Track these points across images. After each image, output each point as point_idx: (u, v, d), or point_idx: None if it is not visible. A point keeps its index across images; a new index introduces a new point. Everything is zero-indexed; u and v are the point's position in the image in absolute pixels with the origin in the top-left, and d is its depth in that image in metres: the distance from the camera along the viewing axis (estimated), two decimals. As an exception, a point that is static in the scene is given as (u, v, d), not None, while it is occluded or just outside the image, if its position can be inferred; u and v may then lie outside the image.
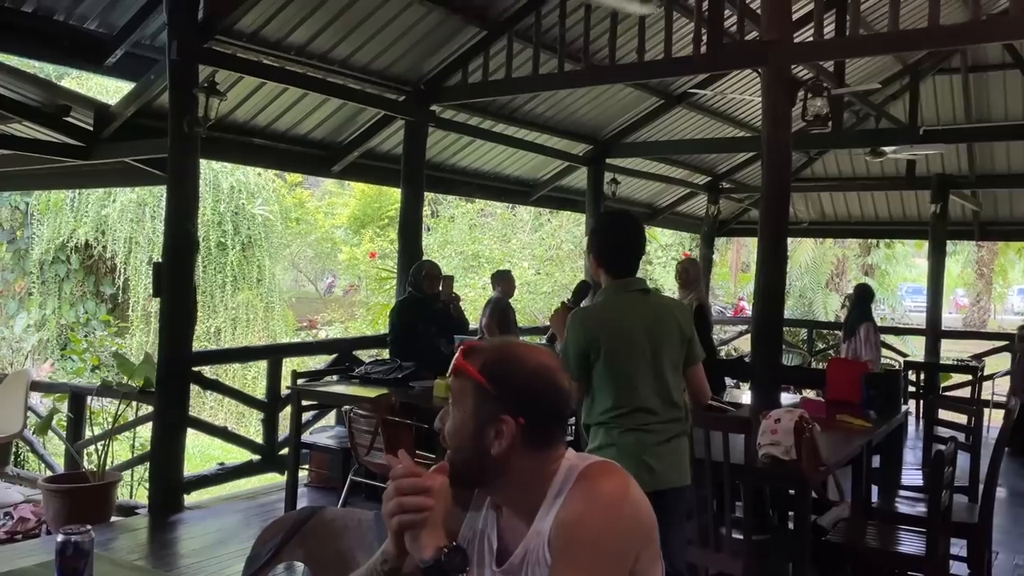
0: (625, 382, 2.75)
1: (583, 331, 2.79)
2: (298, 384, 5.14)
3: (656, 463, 2.70)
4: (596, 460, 1.42)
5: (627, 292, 2.85)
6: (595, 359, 2.76)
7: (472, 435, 1.37)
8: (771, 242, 5.35)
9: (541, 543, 1.34)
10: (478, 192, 9.39)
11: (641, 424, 2.73)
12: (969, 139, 9.32)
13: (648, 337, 2.78)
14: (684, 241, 16.90)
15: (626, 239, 2.87)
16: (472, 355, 1.39)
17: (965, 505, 4.10)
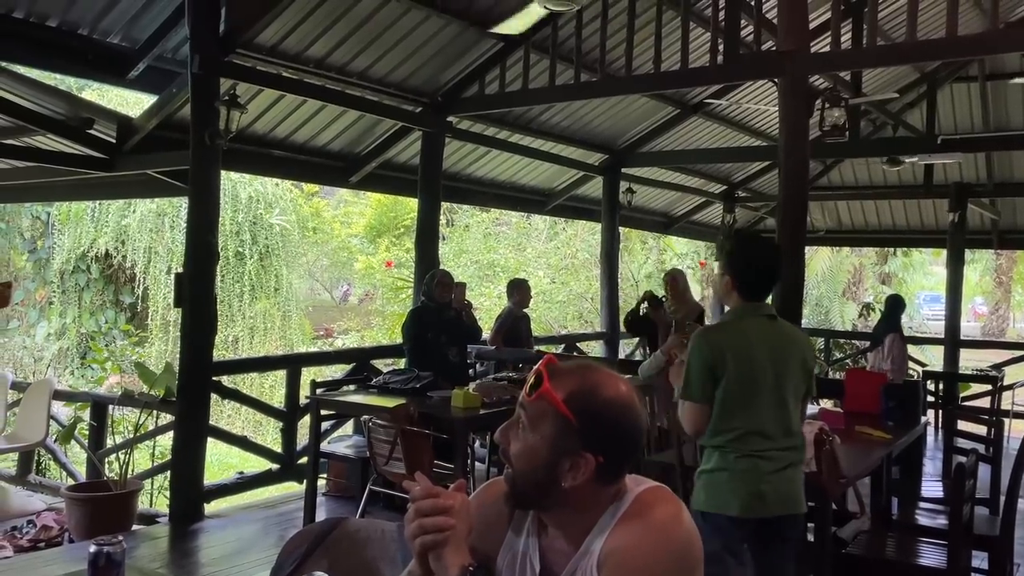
0: (746, 406, 2.70)
1: (709, 350, 2.72)
2: (317, 394, 5.18)
3: (770, 490, 2.68)
4: (651, 485, 1.39)
5: (756, 316, 2.81)
6: (718, 383, 2.70)
7: (545, 464, 1.32)
8: (788, 250, 5.34)
9: (590, 565, 1.32)
10: (494, 202, 9.44)
11: (757, 450, 2.69)
12: (987, 148, 9.26)
13: (772, 363, 2.73)
14: (699, 250, 16.87)
15: (767, 263, 2.84)
16: (557, 380, 1.33)
17: (986, 517, 4.07)
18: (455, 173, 8.01)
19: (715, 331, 2.88)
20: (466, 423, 4.63)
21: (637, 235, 15.78)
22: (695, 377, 2.73)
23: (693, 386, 2.73)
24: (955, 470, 3.25)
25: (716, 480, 2.71)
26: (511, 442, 1.37)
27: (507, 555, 1.43)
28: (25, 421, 6.03)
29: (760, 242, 2.97)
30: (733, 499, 2.67)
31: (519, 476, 1.35)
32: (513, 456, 1.36)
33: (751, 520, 2.69)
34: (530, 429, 1.34)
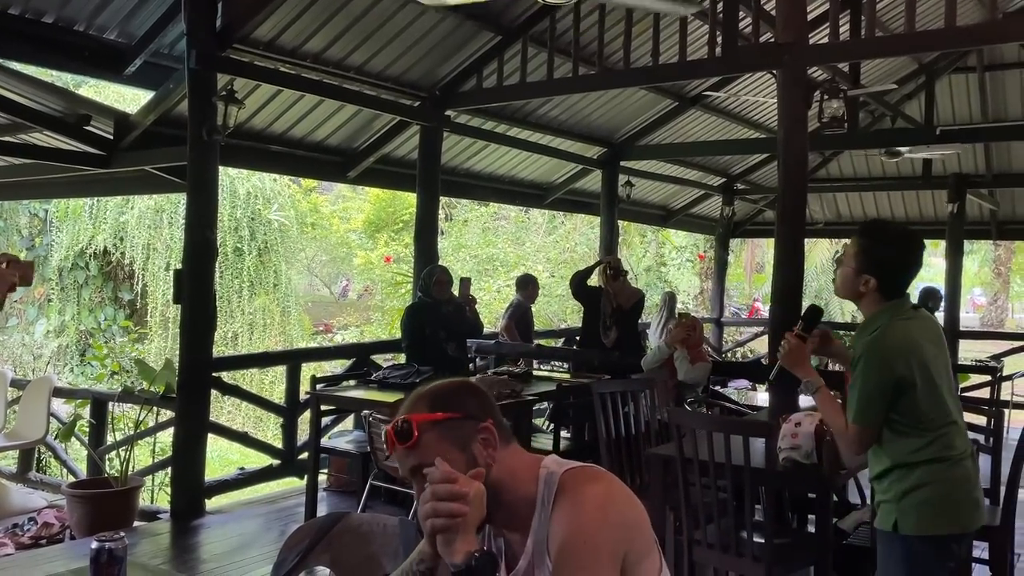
0: (941, 412, 2.43)
1: (890, 370, 2.39)
2: (317, 389, 5.18)
3: (980, 496, 2.49)
4: (574, 465, 1.48)
5: (907, 312, 2.52)
6: (903, 396, 2.40)
7: (467, 465, 1.41)
8: (787, 243, 5.34)
9: (542, 551, 1.42)
10: (492, 196, 9.42)
11: (960, 455, 2.44)
12: (986, 139, 9.26)
13: (941, 358, 2.50)
14: (698, 243, 16.87)
15: (916, 257, 2.54)
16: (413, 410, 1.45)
17: (987, 508, 4.07)
18: (453, 167, 7.99)
19: (885, 341, 2.44)
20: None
21: (636, 228, 15.79)
22: (877, 401, 2.41)
23: (871, 411, 2.41)
24: (956, 461, 3.24)
25: (930, 497, 2.38)
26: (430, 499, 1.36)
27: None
28: (25, 418, 6.03)
29: (909, 233, 2.61)
30: (957, 513, 2.39)
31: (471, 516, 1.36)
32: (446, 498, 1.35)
33: (970, 534, 2.45)
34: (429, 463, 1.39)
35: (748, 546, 3.22)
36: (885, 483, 2.47)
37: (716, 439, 3.27)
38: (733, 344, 12.78)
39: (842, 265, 2.59)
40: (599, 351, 6.19)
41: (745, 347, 12.46)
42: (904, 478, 2.41)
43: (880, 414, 2.41)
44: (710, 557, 3.39)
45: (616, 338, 6.08)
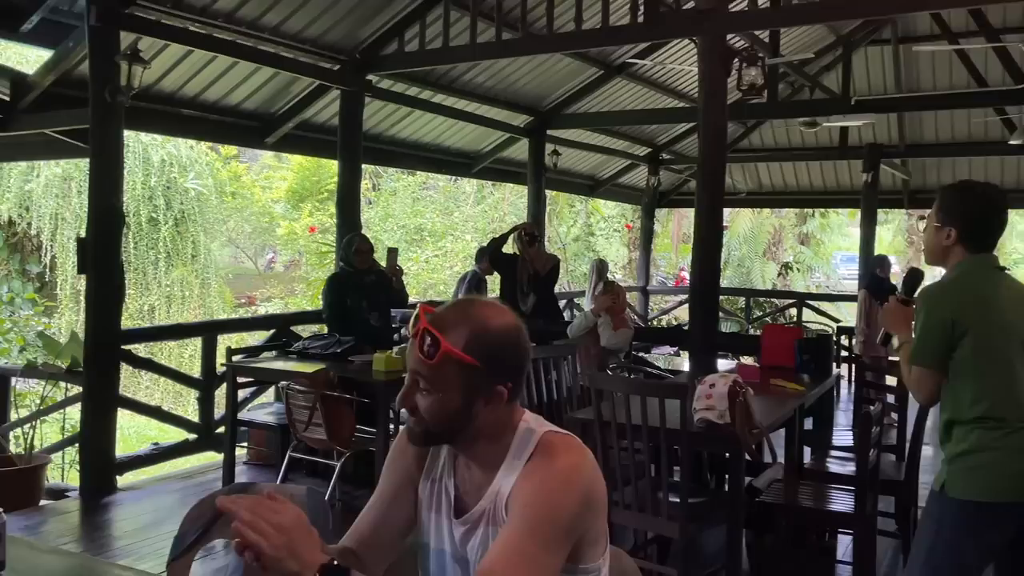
0: (1003, 372, 2.33)
1: (948, 311, 2.35)
2: (233, 361, 5.03)
3: None
4: (554, 429, 1.45)
5: (988, 268, 2.46)
6: (959, 342, 2.33)
7: (459, 409, 1.38)
8: (707, 211, 5.41)
9: (501, 502, 1.39)
10: (418, 164, 9.28)
11: (1021, 422, 2.31)
12: (899, 109, 9.53)
13: (1020, 318, 2.40)
14: (626, 212, 17.03)
15: (998, 208, 2.48)
16: (450, 333, 1.35)
17: (893, 464, 4.24)
18: (377, 134, 7.83)
19: (951, 287, 2.43)
20: (388, 387, 4.56)
21: (565, 198, 15.82)
22: (929, 340, 2.36)
23: (926, 351, 2.36)
24: (861, 418, 3.35)
25: (982, 462, 2.30)
26: (417, 402, 1.39)
27: (426, 485, 1.51)
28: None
29: (994, 188, 2.55)
30: (1008, 482, 2.29)
31: (433, 424, 1.39)
32: (424, 411, 1.39)
33: (1016, 505, 2.30)
34: (436, 388, 1.37)
35: (664, 506, 3.27)
36: (947, 444, 2.41)
37: (635, 403, 3.30)
38: (659, 312, 12.99)
39: (927, 227, 2.55)
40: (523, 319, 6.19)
41: (670, 315, 12.67)
42: (960, 440, 2.35)
43: (936, 355, 2.36)
44: (628, 518, 3.43)
45: (534, 304, 6.10)
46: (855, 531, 3.43)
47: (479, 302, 1.45)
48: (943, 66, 9.27)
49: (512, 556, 1.30)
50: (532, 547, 1.30)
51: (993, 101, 8.30)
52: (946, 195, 2.51)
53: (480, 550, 1.41)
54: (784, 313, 11.98)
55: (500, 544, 1.32)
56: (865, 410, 3.39)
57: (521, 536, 1.31)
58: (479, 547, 1.41)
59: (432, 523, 1.49)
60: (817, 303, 12.12)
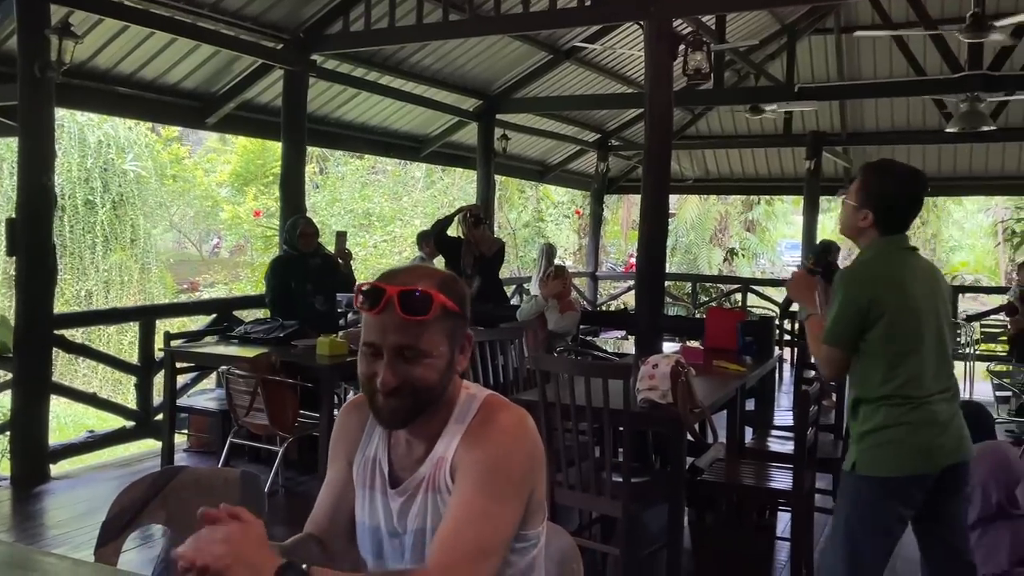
0: (912, 351, 2.40)
1: (862, 292, 2.41)
2: (172, 346, 4.91)
3: (946, 440, 2.42)
4: (490, 392, 1.45)
5: (902, 250, 2.52)
6: (874, 324, 2.39)
7: (448, 366, 1.37)
8: (653, 197, 5.44)
9: (443, 469, 1.37)
10: (365, 147, 9.16)
11: (929, 397, 2.40)
12: (840, 96, 9.71)
13: (930, 302, 2.46)
14: (576, 199, 17.08)
15: (916, 194, 2.52)
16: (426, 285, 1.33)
17: (831, 442, 4.34)
18: (322, 116, 7.70)
19: (865, 269, 2.49)
20: (332, 371, 4.50)
21: (515, 184, 15.80)
22: (845, 322, 2.41)
23: (841, 332, 2.42)
24: (799, 397, 3.41)
25: (890, 438, 2.38)
26: (406, 376, 1.33)
27: (360, 462, 1.49)
28: None
29: (898, 171, 2.55)
30: (913, 456, 2.37)
31: (426, 392, 1.35)
32: (418, 380, 1.34)
33: (931, 474, 2.40)
34: (429, 348, 1.34)
35: (607, 486, 3.29)
36: (855, 423, 2.49)
37: (581, 384, 3.31)
38: (608, 297, 13.08)
39: (844, 202, 2.58)
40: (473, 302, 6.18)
41: (619, 300, 12.77)
42: (867, 419, 2.43)
43: (848, 336, 2.42)
44: (573, 498, 3.45)
45: (479, 287, 6.08)
46: (792, 508, 3.50)
47: (419, 264, 1.47)
48: (884, 56, 9.48)
49: (469, 515, 1.29)
50: (487, 503, 1.30)
51: (931, 90, 8.50)
52: (866, 177, 2.53)
53: (419, 519, 1.39)
54: (729, 298, 12.16)
55: (454, 507, 1.31)
56: (803, 390, 3.46)
57: (475, 494, 1.31)
58: (418, 516, 1.40)
59: (367, 500, 1.47)
60: (761, 288, 12.33)
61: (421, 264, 1.44)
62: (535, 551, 1.43)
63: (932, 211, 21.27)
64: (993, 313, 10.10)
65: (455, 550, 1.27)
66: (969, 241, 22.66)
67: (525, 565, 1.41)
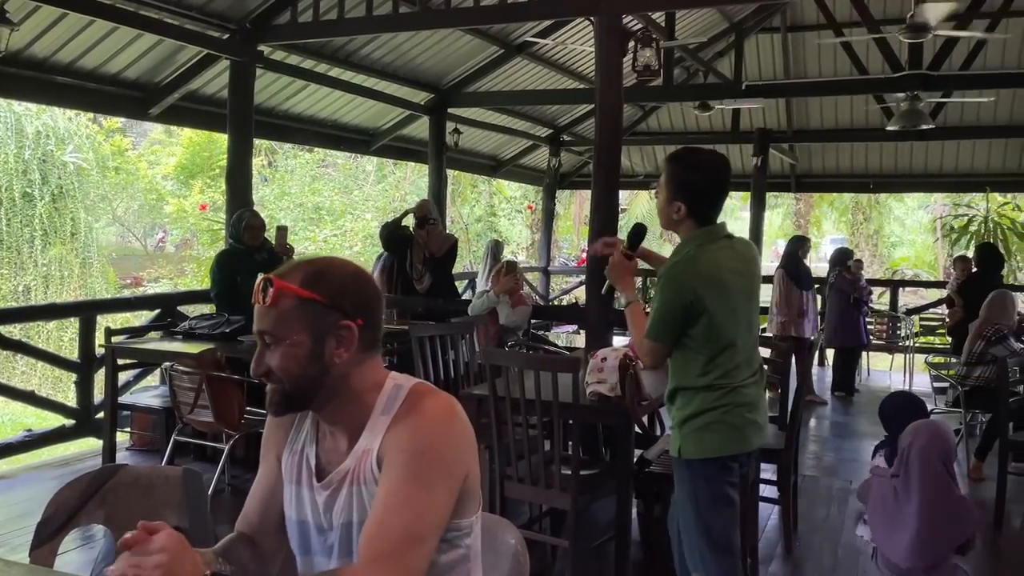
0: (728, 340, 2.49)
1: (684, 292, 2.45)
2: (113, 342, 4.79)
3: (758, 417, 2.55)
4: (419, 381, 1.44)
5: (717, 240, 2.55)
6: (695, 322, 2.46)
7: (311, 353, 1.34)
8: (604, 192, 5.46)
9: (368, 460, 1.35)
10: (314, 140, 9.03)
11: (742, 382, 2.51)
12: (786, 94, 9.90)
13: (744, 288, 2.55)
14: (529, 194, 17.12)
15: (722, 181, 2.56)
16: (287, 275, 1.35)
17: (775, 433, 4.42)
18: (270, 108, 7.57)
19: (689, 268, 2.51)
20: (280, 366, 4.43)
21: (467, 178, 15.78)
22: (668, 318, 2.48)
23: (666, 328, 2.50)
24: (745, 389, 3.46)
25: (707, 421, 2.48)
26: (268, 363, 1.36)
27: (288, 457, 1.48)
28: None
29: (715, 157, 2.61)
30: (730, 435, 2.49)
31: (291, 382, 1.35)
32: (278, 370, 1.35)
33: (745, 453, 2.55)
34: (282, 334, 1.34)
35: (556, 479, 3.31)
36: (673, 409, 2.60)
37: (531, 378, 3.33)
38: (560, 292, 13.14)
39: (658, 196, 2.61)
40: (425, 298, 6.15)
41: (571, 295, 12.84)
42: (685, 405, 2.54)
43: (671, 333, 2.50)
44: (522, 492, 3.46)
45: (430, 285, 6.07)
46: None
47: (321, 256, 1.44)
48: (828, 55, 9.68)
49: (396, 503, 1.28)
50: (414, 490, 1.29)
51: (872, 89, 8.72)
52: (672, 169, 2.56)
53: (345, 513, 1.37)
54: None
55: (381, 496, 1.30)
56: (748, 381, 3.51)
57: (401, 481, 1.29)
58: (344, 510, 1.38)
59: (293, 494, 1.45)
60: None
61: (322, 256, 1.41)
62: (469, 540, 1.42)
63: (875, 208, 21.87)
64: (932, 307, 10.42)
65: (383, 540, 1.25)
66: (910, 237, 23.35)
67: (459, 555, 1.40)
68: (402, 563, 1.25)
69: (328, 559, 1.40)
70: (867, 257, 21.12)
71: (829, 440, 6.53)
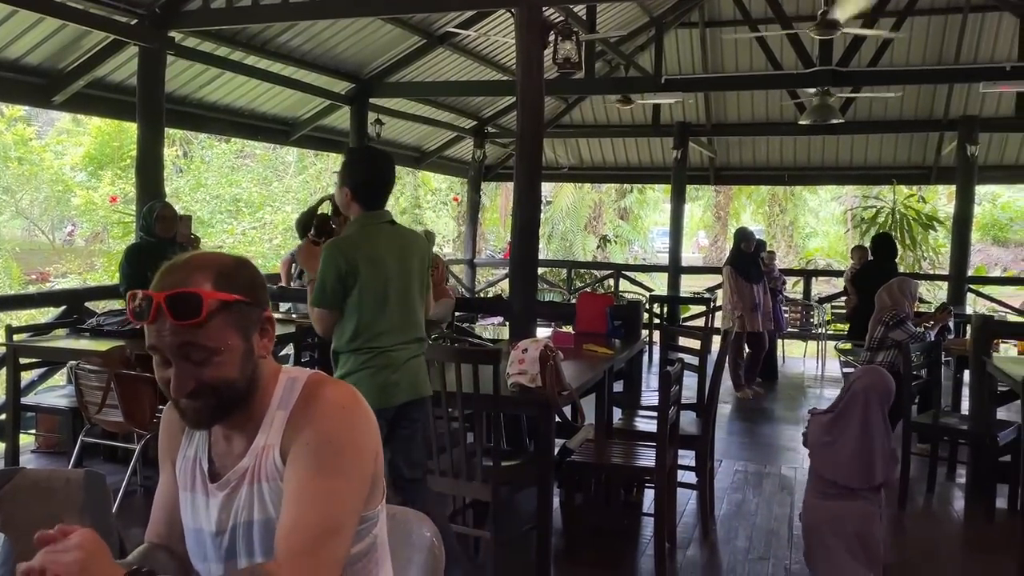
0: (378, 309, 2.92)
1: (343, 261, 2.89)
2: (15, 340, 4.56)
3: (401, 378, 2.96)
4: (314, 372, 1.41)
5: (378, 223, 3.01)
6: (351, 287, 2.89)
7: (244, 356, 1.30)
8: (526, 183, 5.49)
9: (270, 456, 1.32)
10: (230, 130, 8.79)
11: (389, 346, 2.94)
12: (703, 88, 10.13)
13: (399, 266, 2.98)
14: (455, 185, 17.05)
15: (382, 174, 3.04)
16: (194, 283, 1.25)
17: (694, 420, 4.52)
18: (183, 97, 7.32)
19: (346, 242, 2.98)
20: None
21: (391, 170, 15.60)
22: (329, 286, 2.90)
23: (327, 295, 2.90)
24: (661, 377, 3.54)
25: (357, 380, 2.85)
26: (201, 379, 1.28)
27: (181, 464, 1.44)
28: None
29: (377, 154, 3.18)
30: (375, 393, 2.77)
31: (228, 390, 1.29)
32: (212, 381, 1.28)
33: (389, 409, 2.93)
34: (216, 346, 1.27)
35: (478, 470, 3.31)
36: (335, 369, 2.98)
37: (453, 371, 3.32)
38: (486, 284, 13.15)
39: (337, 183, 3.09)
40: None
41: (497, 287, 12.86)
42: (341, 366, 2.96)
43: (331, 300, 2.90)
44: (444, 484, 3.45)
45: None
46: (656, 484, 3.63)
47: (193, 254, 1.35)
48: (744, 51, 9.93)
49: (308, 496, 1.25)
50: (325, 481, 1.26)
51: (785, 84, 8.99)
52: (345, 160, 3.14)
53: (245, 512, 1.33)
54: (603, 283, 12.48)
55: (291, 491, 1.27)
56: (665, 370, 3.58)
57: (311, 474, 1.26)
58: (244, 509, 1.34)
59: (188, 502, 1.41)
60: (633, 274, 12.73)
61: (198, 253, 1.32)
62: (376, 530, 1.40)
63: (790, 200, 22.57)
64: (841, 295, 10.83)
65: (300, 535, 1.23)
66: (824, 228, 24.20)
67: (366, 546, 1.38)
68: (322, 556, 1.23)
69: (225, 564, 1.36)
70: (783, 248, 21.82)
71: (747, 426, 6.72)
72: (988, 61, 9.12)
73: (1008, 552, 3.76)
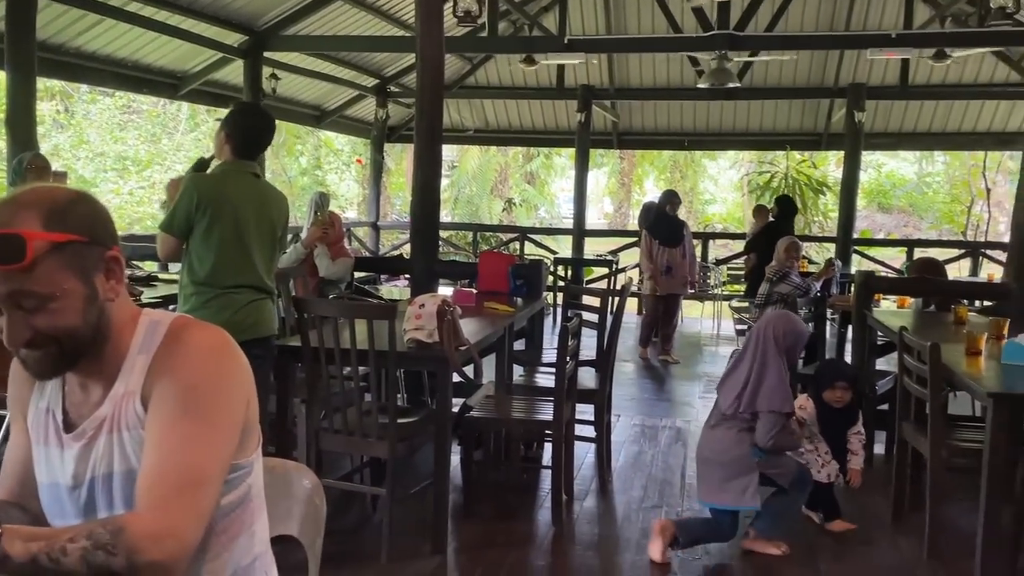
0: (225, 250, 3.06)
1: (197, 194, 3.04)
2: None
3: (242, 318, 3.07)
4: (179, 315, 1.32)
5: (243, 173, 3.18)
6: (199, 222, 3.03)
7: (86, 301, 1.19)
8: (426, 143, 5.36)
9: (131, 403, 1.23)
10: (112, 82, 8.27)
11: (231, 287, 3.09)
12: (606, 49, 10.14)
13: (252, 215, 3.12)
14: (356, 146, 16.66)
15: (260, 129, 3.24)
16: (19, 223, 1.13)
17: (592, 375, 4.58)
18: (58, 45, 6.84)
19: (206, 180, 3.16)
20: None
21: (291, 129, 15.10)
22: (181, 215, 3.04)
23: (177, 222, 3.05)
24: (560, 331, 3.55)
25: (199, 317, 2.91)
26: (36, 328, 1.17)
27: (33, 417, 1.34)
28: None
29: (261, 110, 3.47)
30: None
31: (70, 338, 1.19)
32: (52, 330, 1.17)
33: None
34: (48, 292, 1.16)
35: (373, 428, 3.25)
36: (180, 305, 3.15)
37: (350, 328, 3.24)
38: (391, 247, 12.98)
39: None
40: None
41: (401, 249, 12.71)
42: (186, 301, 3.11)
43: (178, 227, 3.05)
44: (340, 442, 3.38)
45: None
46: (553, 436, 3.66)
47: (22, 189, 1.22)
48: (647, 14, 10.00)
49: (172, 443, 1.17)
50: (191, 427, 1.18)
51: (685, 47, 9.10)
52: (231, 110, 3.38)
53: (104, 464, 1.25)
54: (508, 246, 12.50)
55: (154, 438, 1.19)
56: (563, 324, 3.60)
57: (175, 420, 1.19)
58: (103, 460, 1.25)
59: (42, 456, 1.31)
60: (539, 237, 12.79)
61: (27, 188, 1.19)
62: (250, 480, 1.34)
63: (691, 166, 23.08)
64: (735, 258, 11.19)
65: (164, 483, 1.15)
66: (722, 195, 24.89)
67: (240, 496, 1.32)
68: (188, 505, 1.15)
69: (85, 519, 1.26)
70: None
71: (646, 383, 6.88)
72: (876, 29, 9.47)
73: (883, 491, 3.98)
